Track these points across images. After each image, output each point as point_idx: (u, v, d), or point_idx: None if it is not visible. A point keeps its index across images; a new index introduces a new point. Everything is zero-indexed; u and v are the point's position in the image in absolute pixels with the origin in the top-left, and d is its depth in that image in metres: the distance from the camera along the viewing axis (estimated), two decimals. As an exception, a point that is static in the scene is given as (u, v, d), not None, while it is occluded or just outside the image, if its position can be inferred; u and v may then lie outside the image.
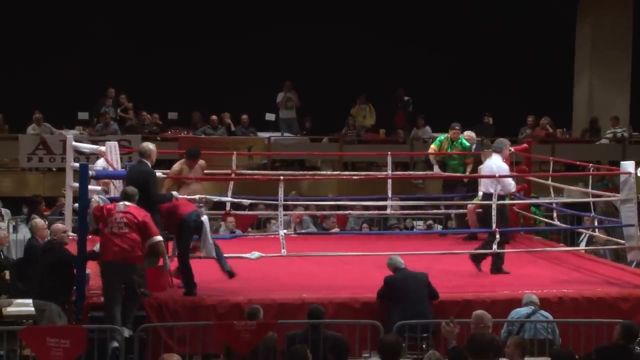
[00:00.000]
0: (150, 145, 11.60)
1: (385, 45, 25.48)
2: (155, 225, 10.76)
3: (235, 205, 15.06)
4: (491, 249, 12.63)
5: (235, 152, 16.32)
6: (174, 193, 11.66)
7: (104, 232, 10.65)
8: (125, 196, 10.89)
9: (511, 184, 13.00)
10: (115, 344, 10.08)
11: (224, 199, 14.27)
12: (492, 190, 12.77)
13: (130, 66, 24.18)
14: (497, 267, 12.85)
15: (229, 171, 15.56)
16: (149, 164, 11.47)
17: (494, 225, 12.55)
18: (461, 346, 8.74)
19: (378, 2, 25.69)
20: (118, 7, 24.83)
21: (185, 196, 12.16)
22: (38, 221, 12.89)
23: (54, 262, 10.96)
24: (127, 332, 10.27)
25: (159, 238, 10.71)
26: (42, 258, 11.16)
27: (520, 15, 25.73)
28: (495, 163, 13.09)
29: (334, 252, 13.16)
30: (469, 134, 16.46)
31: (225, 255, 12.05)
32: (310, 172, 20.43)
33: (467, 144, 16.17)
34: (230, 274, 11.94)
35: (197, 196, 12.69)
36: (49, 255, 11.07)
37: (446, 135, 16.30)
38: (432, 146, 16.52)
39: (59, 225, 11.78)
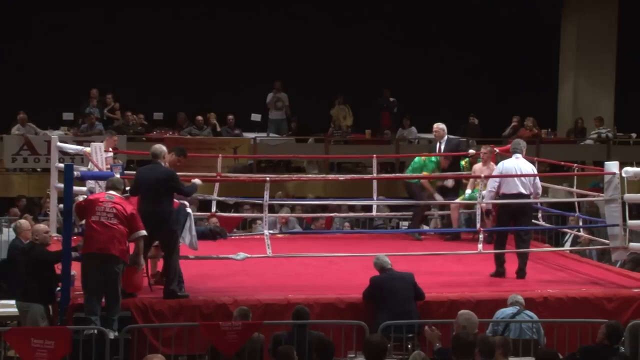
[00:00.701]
0: (163, 147, 11.53)
1: (371, 46, 25.49)
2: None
3: (221, 207, 15.04)
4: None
5: (220, 155, 16.29)
6: (196, 180, 11.69)
7: (89, 222, 10.47)
8: (111, 186, 10.82)
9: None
10: (93, 331, 10.04)
11: (209, 197, 14.26)
12: (530, 191, 12.74)
13: (115, 66, 24.12)
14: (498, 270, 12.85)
15: (214, 174, 15.48)
16: (163, 165, 11.47)
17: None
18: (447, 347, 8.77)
19: (365, 3, 25.68)
20: (102, 7, 24.76)
21: None
22: (23, 222, 12.85)
23: (36, 262, 10.93)
24: (111, 334, 10.22)
25: (144, 232, 10.63)
26: (24, 259, 11.13)
27: (506, 16, 25.77)
28: (528, 164, 13.02)
29: (320, 253, 13.17)
30: (439, 126, 16.26)
31: (210, 256, 12.06)
32: (296, 175, 20.41)
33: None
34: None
35: None
36: (31, 256, 11.04)
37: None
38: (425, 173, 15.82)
39: (40, 226, 11.73)
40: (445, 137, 16.07)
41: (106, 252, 10.36)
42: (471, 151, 16.17)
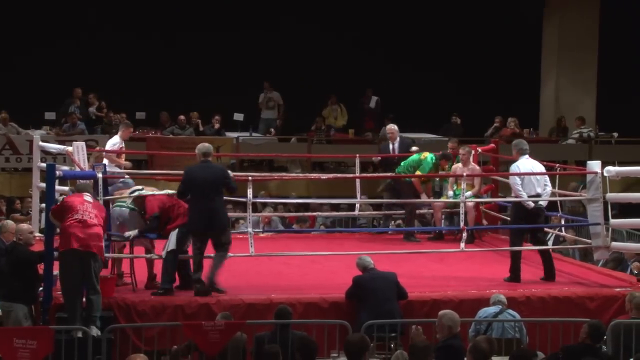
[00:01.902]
0: (211, 146, 11.77)
1: (356, 46, 25.50)
2: None
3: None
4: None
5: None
6: None
7: (71, 220, 10.52)
8: (83, 189, 11.01)
9: None
10: (79, 335, 10.08)
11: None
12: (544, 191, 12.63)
13: (98, 65, 24.05)
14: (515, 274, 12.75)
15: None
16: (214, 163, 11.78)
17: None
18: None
19: (350, 3, 25.68)
20: (85, 6, 24.69)
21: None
22: (9, 222, 12.81)
23: (18, 262, 10.88)
24: (94, 331, 10.23)
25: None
26: (7, 258, 11.08)
27: (487, 16, 25.83)
28: (539, 164, 12.94)
29: (303, 252, 13.17)
30: (393, 127, 16.30)
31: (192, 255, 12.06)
32: (279, 174, 20.38)
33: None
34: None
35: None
36: (13, 255, 10.99)
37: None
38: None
39: (24, 226, 11.68)
40: (398, 138, 16.14)
41: (87, 250, 10.43)
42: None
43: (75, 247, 10.41)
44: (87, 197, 10.79)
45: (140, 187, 12.38)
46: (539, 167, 12.87)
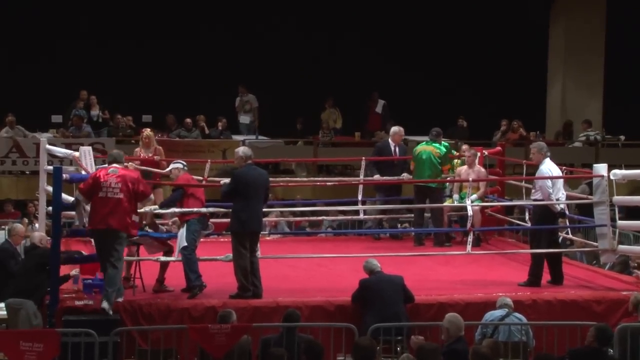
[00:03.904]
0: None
1: (361, 49, 25.50)
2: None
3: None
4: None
5: (209, 161, 16.26)
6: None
7: (95, 199, 10.69)
8: (113, 159, 11.04)
9: None
10: (105, 305, 10.40)
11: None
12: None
13: (104, 68, 24.08)
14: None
15: (201, 177, 15.42)
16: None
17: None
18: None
19: (354, 5, 25.69)
20: (91, 9, 24.72)
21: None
22: (18, 226, 12.84)
23: (41, 262, 10.93)
24: (105, 304, 10.48)
25: (152, 197, 11.19)
26: (26, 259, 11.14)
27: (494, 19, 25.81)
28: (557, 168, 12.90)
29: (309, 255, 13.17)
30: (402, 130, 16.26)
31: (199, 257, 12.05)
32: (285, 179, 20.34)
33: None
34: None
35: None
36: (37, 255, 11.03)
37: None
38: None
39: (44, 235, 11.74)
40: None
41: (106, 227, 10.63)
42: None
43: (95, 226, 10.68)
44: (114, 169, 10.83)
45: (182, 161, 12.50)
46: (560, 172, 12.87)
